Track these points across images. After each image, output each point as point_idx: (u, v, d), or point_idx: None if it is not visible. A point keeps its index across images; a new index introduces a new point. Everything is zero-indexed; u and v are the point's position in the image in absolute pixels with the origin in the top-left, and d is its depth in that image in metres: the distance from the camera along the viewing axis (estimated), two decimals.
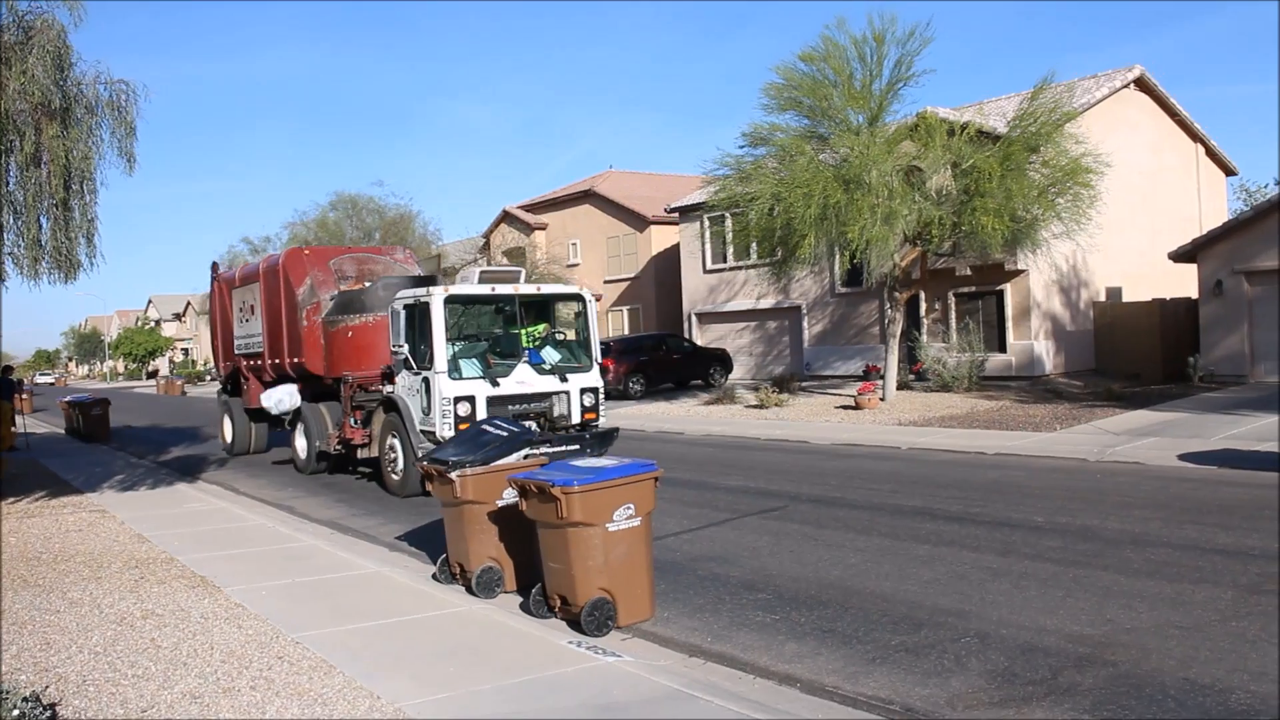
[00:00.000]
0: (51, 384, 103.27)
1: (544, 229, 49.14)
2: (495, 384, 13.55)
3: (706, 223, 35.16)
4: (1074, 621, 7.29)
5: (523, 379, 13.81)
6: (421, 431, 13.71)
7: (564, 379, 14.13)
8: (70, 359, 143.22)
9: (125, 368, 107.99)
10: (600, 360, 14.81)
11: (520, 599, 8.32)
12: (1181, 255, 26.93)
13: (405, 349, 13.72)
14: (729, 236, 27.46)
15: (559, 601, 7.59)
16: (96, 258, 13.38)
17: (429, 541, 11.01)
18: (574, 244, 47.58)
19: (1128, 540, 9.68)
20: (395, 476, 14.71)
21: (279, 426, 19.87)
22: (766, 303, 35.53)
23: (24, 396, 31.82)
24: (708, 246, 37.54)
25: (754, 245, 26.80)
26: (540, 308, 15.29)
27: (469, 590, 8.59)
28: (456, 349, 13.78)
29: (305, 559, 10.24)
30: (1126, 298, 29.96)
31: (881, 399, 24.73)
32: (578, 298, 15.01)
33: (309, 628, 7.60)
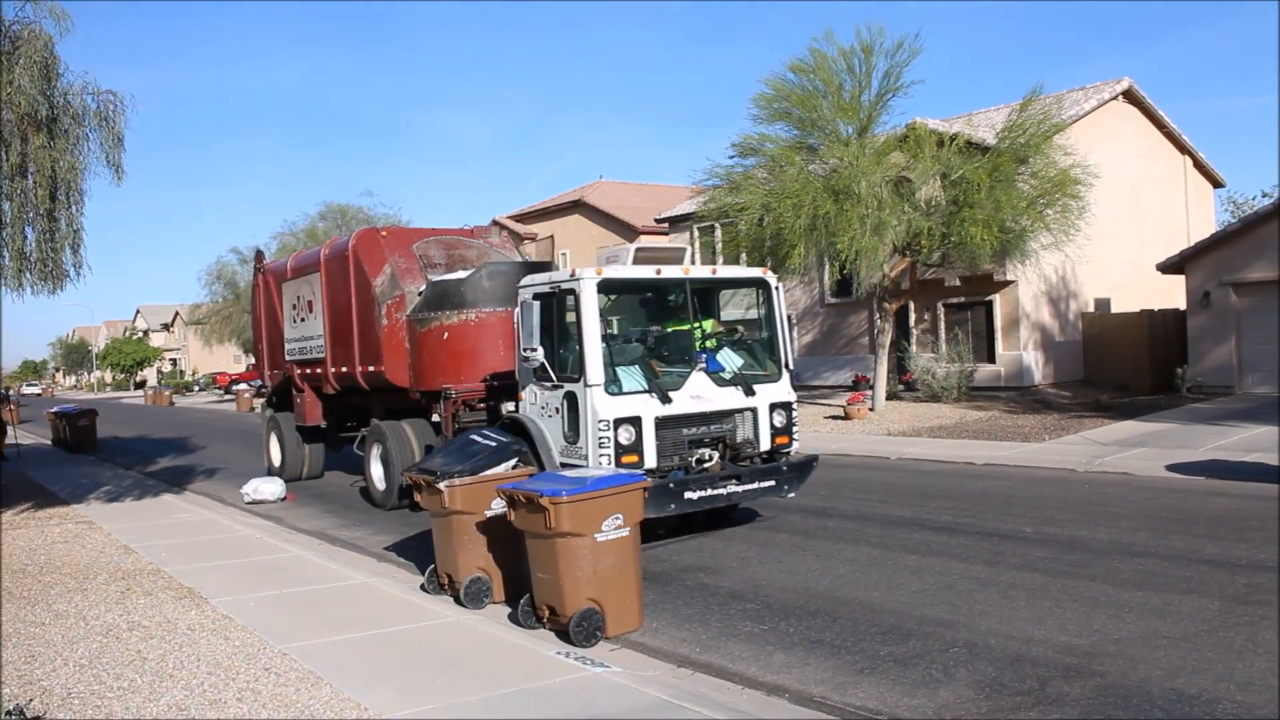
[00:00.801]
0: (38, 395, 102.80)
1: (534, 239, 49.17)
2: (666, 400, 10.14)
3: (696, 233, 35.20)
4: (1062, 631, 7.29)
5: (698, 393, 10.40)
6: (562, 465, 10.15)
7: (750, 392, 10.79)
8: (57, 370, 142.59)
9: (113, 378, 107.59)
10: (790, 366, 11.38)
11: (509, 609, 8.31)
12: (1170, 267, 27.04)
13: (539, 354, 10.26)
14: (719, 247, 27.46)
15: (547, 612, 7.57)
16: (83, 268, 13.30)
17: (417, 552, 10.98)
18: (564, 254, 47.62)
19: (1116, 550, 9.70)
20: None
21: (338, 447, 18.05)
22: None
23: (11, 407, 31.63)
24: (697, 257, 37.57)
25: (744, 255, 26.85)
26: (703, 298, 11.54)
27: (457, 601, 8.57)
28: (612, 354, 10.41)
29: (293, 570, 10.20)
30: (1115, 309, 30.06)
31: (871, 409, 24.75)
32: (760, 283, 11.60)
33: (296, 639, 7.57)
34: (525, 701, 6.15)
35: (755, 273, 11.74)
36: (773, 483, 10.51)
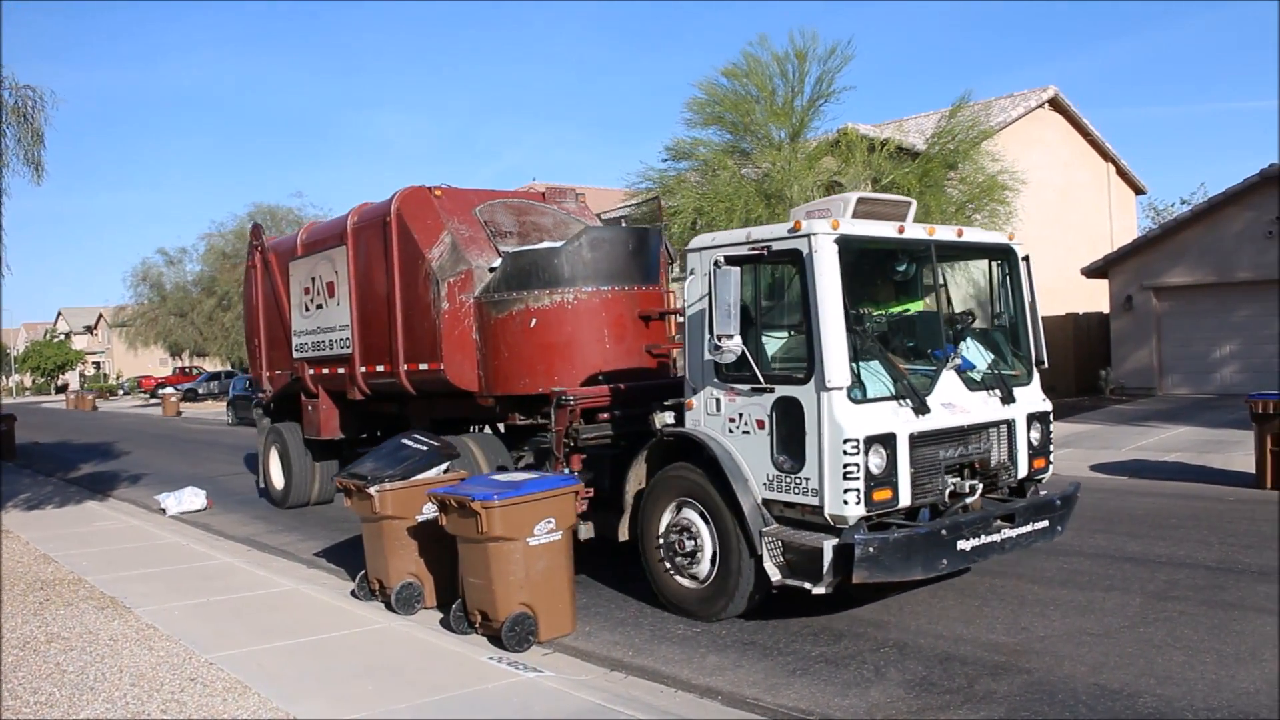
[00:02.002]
0: None
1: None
2: (923, 409, 7.35)
3: None
4: (990, 630, 7.41)
5: (950, 399, 7.63)
6: (768, 503, 7.49)
7: (1010, 398, 8.11)
8: None
9: (33, 382, 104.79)
10: (1044, 362, 8.66)
11: (441, 615, 8.24)
12: (1093, 271, 27.63)
13: (735, 342, 7.24)
14: None
15: (480, 617, 7.52)
16: (2, 268, 12.93)
17: (348, 558, 10.84)
18: None
19: (1041, 549, 9.88)
20: (688, 584, 8.11)
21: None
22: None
23: None
24: None
25: (677, 259, 26.91)
26: (921, 269, 8.45)
27: (388, 607, 8.48)
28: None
29: (220, 577, 10.02)
30: (1041, 312, 30.57)
31: None
32: (1005, 253, 8.63)
33: (224, 648, 7.43)
34: (458, 707, 6.10)
35: (1000, 238, 8.76)
36: (1046, 523, 8.02)
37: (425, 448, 9.13)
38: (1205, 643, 6.93)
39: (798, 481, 7.22)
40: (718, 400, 7.91)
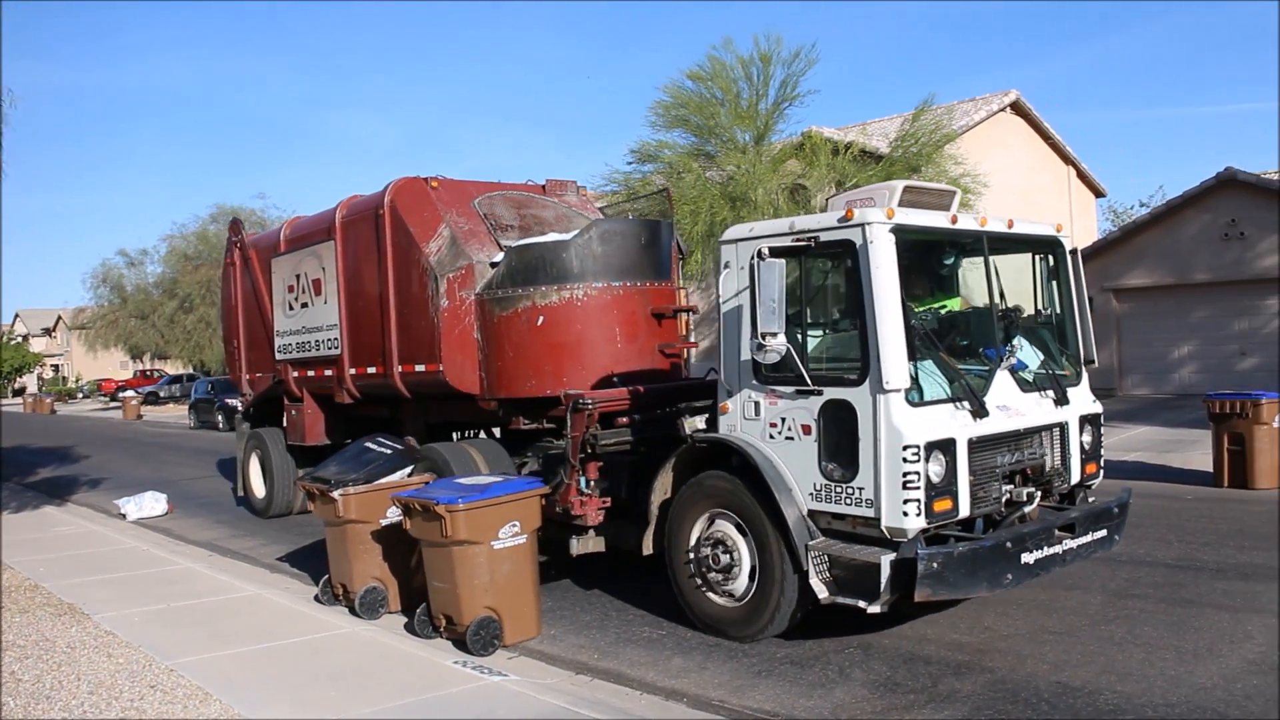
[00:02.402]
0: None
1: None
2: (981, 412, 6.91)
3: None
4: (953, 630, 7.47)
5: (1004, 401, 7.17)
6: (814, 514, 7.02)
7: (1063, 399, 7.67)
8: None
9: None
10: (1094, 361, 8.11)
11: (405, 619, 8.19)
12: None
13: (780, 340, 6.75)
14: None
15: (444, 621, 7.49)
16: None
17: (311, 562, 10.75)
18: None
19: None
20: (723, 601, 7.59)
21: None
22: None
23: None
24: None
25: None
26: (936, 259, 8.02)
27: (352, 611, 8.42)
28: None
29: (181, 583, 9.91)
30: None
31: None
32: (1053, 245, 8.10)
33: (184, 654, 7.35)
34: (422, 712, 6.07)
35: (1049, 229, 8.12)
36: (1104, 532, 7.66)
37: (389, 451, 9.10)
38: (1164, 640, 7.02)
39: (849, 491, 6.73)
40: (757, 404, 7.37)
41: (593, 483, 8.57)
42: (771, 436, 7.24)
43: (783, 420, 7.17)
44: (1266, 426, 12.79)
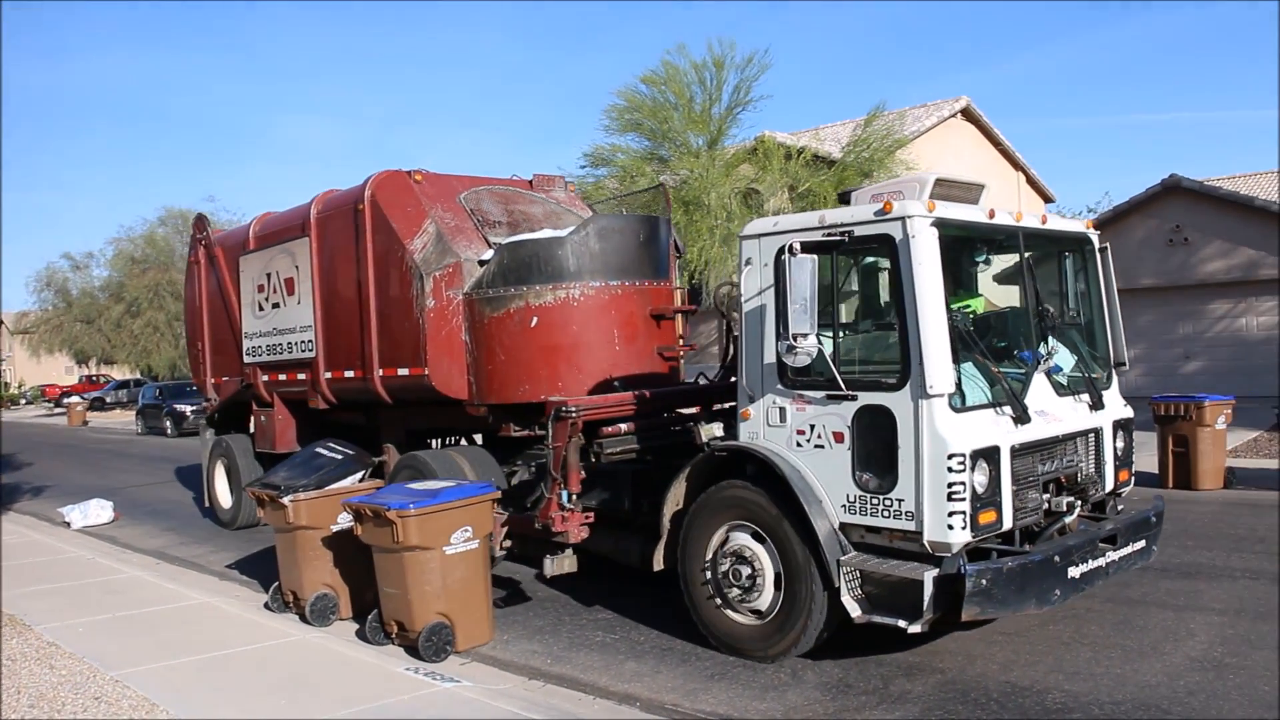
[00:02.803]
0: None
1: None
2: (1024, 418, 6.57)
3: None
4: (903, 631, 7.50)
5: (1043, 407, 6.85)
6: (845, 527, 6.62)
7: (1099, 404, 7.40)
8: None
9: None
10: (1126, 363, 7.94)
11: (357, 626, 8.12)
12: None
13: (811, 342, 6.25)
14: None
15: (396, 627, 7.44)
16: None
17: (262, 569, 10.62)
18: None
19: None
20: (743, 619, 7.16)
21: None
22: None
23: None
24: None
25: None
26: (967, 256, 7.57)
27: (303, 619, 8.34)
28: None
29: (127, 591, 9.75)
30: None
31: None
32: (1083, 242, 7.82)
33: (130, 665, 7.23)
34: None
35: (1080, 227, 7.84)
36: (1143, 543, 7.33)
37: (340, 456, 9.00)
38: (1111, 638, 7.14)
39: (887, 503, 6.31)
40: (782, 410, 6.91)
41: (575, 496, 8.08)
42: (799, 444, 6.81)
43: (811, 427, 6.74)
44: (1209, 428, 13.05)
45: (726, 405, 8.58)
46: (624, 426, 8.53)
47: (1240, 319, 24.26)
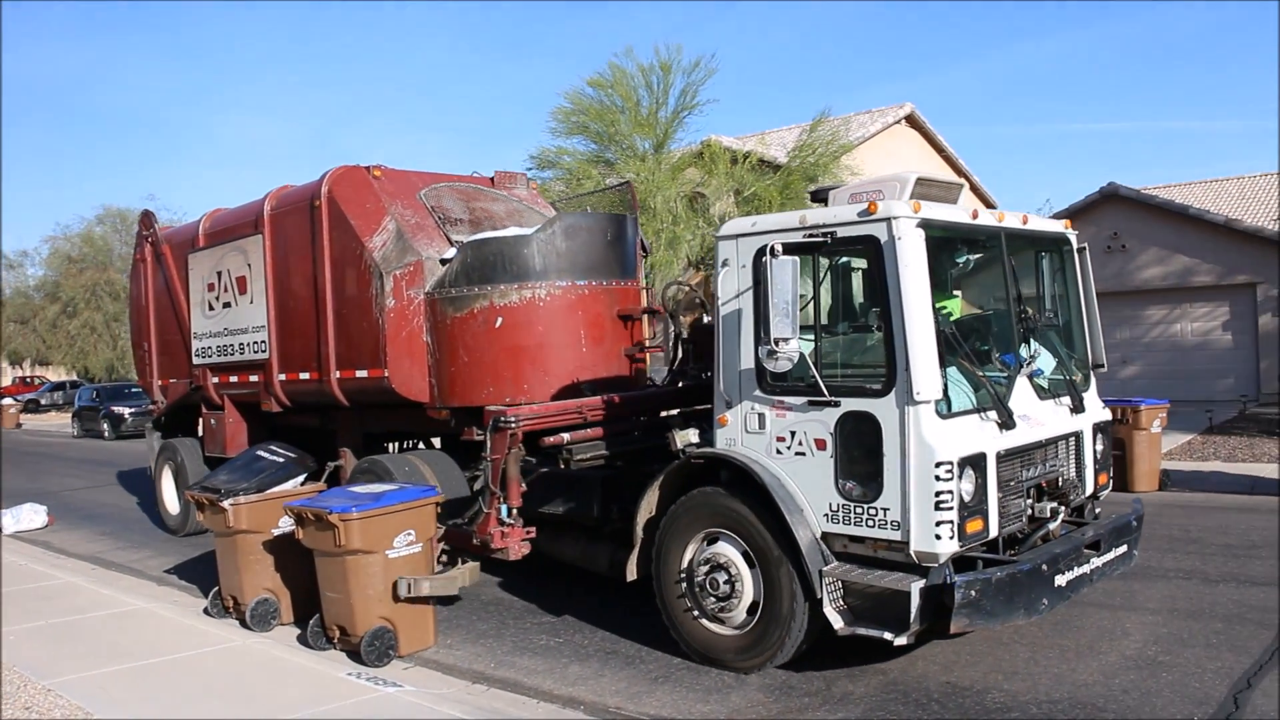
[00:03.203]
0: None
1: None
2: (1009, 423, 6.47)
3: None
4: None
5: (1026, 411, 6.74)
6: (827, 536, 6.46)
7: (1080, 407, 7.30)
8: None
9: None
10: (1103, 365, 7.81)
11: (298, 631, 8.04)
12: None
13: (794, 345, 6.11)
14: None
15: (338, 632, 7.36)
16: None
17: (201, 574, 10.46)
18: None
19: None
20: (720, 630, 6.96)
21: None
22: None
23: None
24: None
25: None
26: (947, 257, 7.21)
27: (243, 624, 8.23)
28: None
29: (62, 598, 9.55)
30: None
31: None
32: (1061, 243, 7.77)
33: (63, 673, 7.09)
34: None
35: (1059, 227, 7.78)
36: (1125, 548, 7.27)
37: (282, 459, 8.91)
38: (1049, 639, 7.25)
39: (871, 512, 6.16)
40: (761, 415, 6.73)
41: (515, 511, 7.77)
42: (779, 452, 6.62)
43: (791, 434, 6.56)
44: (1145, 432, 13.30)
45: (696, 408, 8.47)
46: (589, 431, 8.17)
47: (1175, 324, 24.81)
